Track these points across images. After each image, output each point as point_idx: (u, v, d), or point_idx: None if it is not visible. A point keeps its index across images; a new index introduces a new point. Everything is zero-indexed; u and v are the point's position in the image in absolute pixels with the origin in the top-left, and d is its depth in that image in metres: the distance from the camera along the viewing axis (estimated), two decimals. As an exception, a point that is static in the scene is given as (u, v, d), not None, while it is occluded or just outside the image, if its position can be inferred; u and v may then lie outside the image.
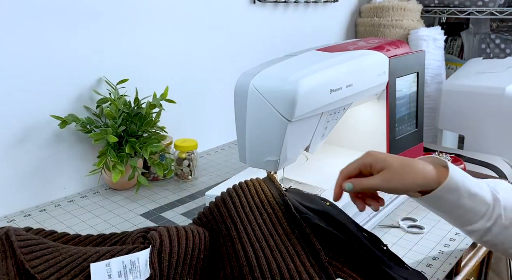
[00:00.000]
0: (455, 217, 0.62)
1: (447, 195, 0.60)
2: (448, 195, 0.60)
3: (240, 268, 0.61)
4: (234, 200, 0.69)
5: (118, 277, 0.58)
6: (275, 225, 0.66)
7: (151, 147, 0.96)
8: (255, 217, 0.66)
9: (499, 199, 0.61)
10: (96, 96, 1.00)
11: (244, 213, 0.67)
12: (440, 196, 0.60)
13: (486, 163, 1.23)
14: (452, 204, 0.61)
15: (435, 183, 0.60)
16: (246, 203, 0.68)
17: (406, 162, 0.61)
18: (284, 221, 0.66)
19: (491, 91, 1.30)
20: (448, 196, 0.60)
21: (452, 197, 0.60)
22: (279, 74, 0.70)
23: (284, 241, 0.63)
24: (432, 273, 0.73)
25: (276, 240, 0.64)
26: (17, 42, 0.87)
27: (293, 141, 0.71)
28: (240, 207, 0.68)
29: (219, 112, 1.30)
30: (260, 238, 0.64)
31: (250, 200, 0.69)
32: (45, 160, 0.95)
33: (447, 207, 0.61)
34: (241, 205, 0.68)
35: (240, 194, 0.69)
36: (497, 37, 1.77)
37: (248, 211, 0.67)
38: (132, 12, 1.04)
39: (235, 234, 0.65)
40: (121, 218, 0.89)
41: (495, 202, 0.61)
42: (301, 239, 0.64)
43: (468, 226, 0.62)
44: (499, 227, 0.61)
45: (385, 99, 0.88)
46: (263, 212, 0.67)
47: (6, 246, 0.61)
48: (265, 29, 1.37)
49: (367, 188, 0.62)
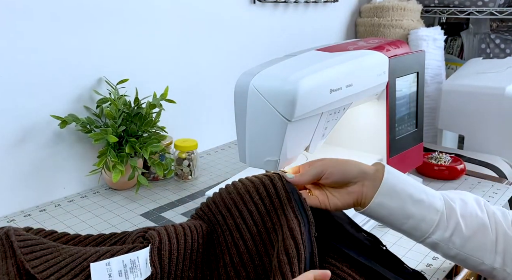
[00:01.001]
0: (409, 228, 0.61)
1: (387, 201, 0.59)
2: (388, 201, 0.59)
3: (240, 256, 0.62)
4: (228, 188, 0.67)
5: (119, 277, 0.58)
6: (272, 198, 0.63)
7: (151, 147, 0.96)
8: (251, 194, 0.64)
9: (454, 207, 0.60)
10: (96, 96, 1.00)
11: (239, 195, 0.65)
12: (379, 202, 0.60)
13: (486, 163, 1.23)
14: (397, 211, 0.60)
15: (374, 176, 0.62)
16: (241, 185, 0.66)
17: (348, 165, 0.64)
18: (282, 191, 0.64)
19: (491, 91, 1.30)
20: (389, 202, 0.59)
21: (394, 204, 0.59)
22: (279, 74, 0.70)
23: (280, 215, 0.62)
24: (432, 273, 0.73)
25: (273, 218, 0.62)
26: (17, 42, 0.87)
27: (293, 141, 0.71)
28: (234, 192, 0.66)
29: (219, 112, 1.30)
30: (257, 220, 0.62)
31: (246, 181, 0.67)
32: (45, 160, 0.95)
33: (394, 215, 0.60)
34: (236, 189, 0.66)
35: (236, 182, 0.68)
36: (497, 37, 1.77)
37: (244, 191, 0.65)
38: (132, 12, 1.04)
39: (231, 222, 0.64)
40: (121, 218, 0.89)
41: (450, 211, 0.60)
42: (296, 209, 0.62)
43: (428, 239, 0.60)
44: (460, 238, 0.59)
45: (385, 99, 0.88)
46: (259, 186, 0.64)
47: (6, 246, 0.61)
48: (265, 29, 1.37)
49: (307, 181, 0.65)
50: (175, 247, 0.61)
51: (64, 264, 0.59)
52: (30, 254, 0.60)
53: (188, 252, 0.62)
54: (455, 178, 1.07)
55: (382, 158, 0.91)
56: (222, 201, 0.67)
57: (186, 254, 0.61)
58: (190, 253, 0.62)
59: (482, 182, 1.08)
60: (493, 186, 1.05)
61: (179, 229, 0.64)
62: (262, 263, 0.61)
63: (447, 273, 0.74)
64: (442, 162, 1.08)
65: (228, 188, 0.68)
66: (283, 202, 0.62)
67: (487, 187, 1.04)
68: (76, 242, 0.70)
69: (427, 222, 0.59)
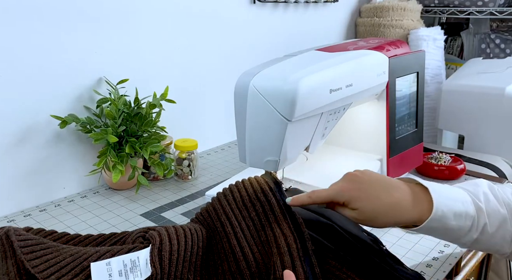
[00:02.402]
0: (441, 237, 0.61)
1: (434, 225, 0.58)
2: (435, 225, 0.58)
3: (237, 263, 0.62)
4: (227, 197, 0.69)
5: (119, 276, 0.58)
6: (268, 213, 0.65)
7: (151, 147, 0.96)
8: (248, 209, 0.66)
9: (482, 208, 0.59)
10: (96, 96, 1.00)
11: (237, 209, 0.67)
12: (427, 228, 0.59)
13: (486, 163, 1.23)
14: (439, 231, 0.59)
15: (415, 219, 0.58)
16: (239, 198, 0.68)
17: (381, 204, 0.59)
18: (277, 208, 0.65)
19: (491, 91, 1.30)
20: (435, 225, 0.58)
21: (439, 225, 0.58)
22: (279, 74, 0.70)
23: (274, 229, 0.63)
24: (432, 273, 0.73)
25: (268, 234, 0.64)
26: (17, 42, 0.87)
27: (293, 141, 0.71)
28: (233, 203, 0.68)
29: (219, 112, 1.30)
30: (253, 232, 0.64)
31: (244, 192, 0.69)
32: (45, 160, 0.95)
33: (433, 234, 0.61)
34: (234, 201, 0.68)
35: (234, 190, 0.70)
36: (497, 37, 1.77)
37: (241, 205, 0.67)
38: (132, 12, 1.04)
39: (230, 230, 0.65)
40: (121, 218, 0.89)
41: (479, 213, 0.59)
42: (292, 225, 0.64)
43: (455, 241, 0.61)
44: (486, 236, 0.59)
45: (385, 99, 0.88)
46: (256, 203, 0.67)
47: (6, 246, 0.61)
48: (265, 29, 1.37)
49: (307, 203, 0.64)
50: (176, 248, 0.61)
51: (64, 264, 0.59)
52: (30, 253, 0.60)
53: (188, 254, 0.62)
54: (455, 178, 1.07)
55: (382, 158, 0.92)
56: (222, 209, 0.68)
57: (186, 256, 0.62)
58: (190, 256, 0.62)
59: (482, 182, 1.08)
60: (493, 186, 1.05)
61: (179, 230, 0.64)
62: (258, 271, 0.61)
63: (447, 273, 0.74)
64: (442, 162, 1.08)
65: (227, 197, 0.69)
66: (278, 218, 0.64)
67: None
68: (76, 242, 0.70)
69: (461, 230, 0.59)
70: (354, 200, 0.60)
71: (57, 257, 0.60)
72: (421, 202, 0.59)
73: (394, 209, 0.59)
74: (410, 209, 0.58)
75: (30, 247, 0.61)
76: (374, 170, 0.89)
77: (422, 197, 0.59)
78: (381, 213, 0.59)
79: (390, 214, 0.58)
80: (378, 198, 0.59)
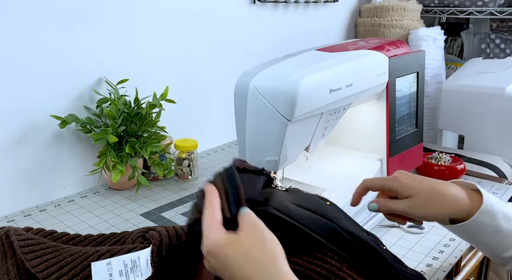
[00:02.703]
0: (492, 243, 0.60)
1: (484, 219, 0.58)
2: (485, 219, 0.57)
3: None
4: None
5: (120, 276, 0.58)
6: None
7: (151, 147, 0.96)
8: None
9: None
10: (96, 96, 1.00)
11: None
12: (478, 221, 0.58)
13: (486, 163, 1.23)
14: (489, 228, 0.58)
15: (466, 212, 0.58)
16: None
17: (435, 190, 0.59)
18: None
19: (491, 91, 1.30)
20: (485, 220, 0.57)
21: (489, 220, 0.57)
22: (279, 74, 0.70)
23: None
24: (432, 273, 0.73)
25: None
26: (17, 42, 0.87)
27: (293, 141, 0.71)
28: None
29: (219, 112, 1.30)
30: None
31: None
32: (45, 160, 0.95)
33: (484, 232, 0.59)
34: None
35: None
36: (497, 37, 1.77)
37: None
38: (132, 12, 1.04)
39: None
40: (121, 218, 0.89)
41: None
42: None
43: (505, 253, 0.59)
44: None
45: (385, 99, 0.88)
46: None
47: (6, 246, 0.61)
48: (265, 29, 1.37)
49: (392, 211, 0.62)
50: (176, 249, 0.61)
51: (64, 264, 0.59)
52: (31, 253, 0.60)
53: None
54: (455, 178, 1.07)
55: (382, 158, 0.92)
56: None
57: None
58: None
59: (482, 182, 1.08)
60: (493, 186, 1.05)
61: (180, 231, 0.64)
62: None
63: (447, 273, 0.74)
64: (442, 162, 1.08)
65: None
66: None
67: (487, 187, 1.04)
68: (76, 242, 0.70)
69: (510, 234, 0.58)
70: (408, 187, 0.60)
71: (57, 257, 0.60)
72: (473, 198, 0.59)
73: (451, 197, 0.59)
74: (465, 200, 0.59)
75: (30, 247, 0.61)
76: (374, 170, 0.89)
77: (472, 194, 0.60)
78: (437, 201, 0.59)
79: (447, 203, 0.59)
80: (433, 188, 0.60)
